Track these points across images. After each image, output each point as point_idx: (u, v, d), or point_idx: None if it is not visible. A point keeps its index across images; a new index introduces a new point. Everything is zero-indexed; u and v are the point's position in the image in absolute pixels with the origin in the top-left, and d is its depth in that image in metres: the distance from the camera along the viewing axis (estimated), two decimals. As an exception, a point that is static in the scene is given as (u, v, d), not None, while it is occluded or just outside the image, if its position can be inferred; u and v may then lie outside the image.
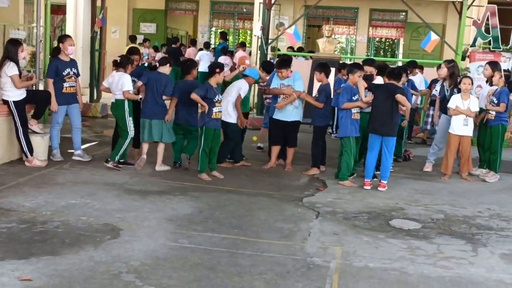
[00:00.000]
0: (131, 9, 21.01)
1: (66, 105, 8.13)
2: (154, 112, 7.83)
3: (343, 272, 4.74)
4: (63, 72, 8.00)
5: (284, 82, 8.40)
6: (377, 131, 7.60)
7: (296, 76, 8.46)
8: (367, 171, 7.71)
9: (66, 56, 8.07)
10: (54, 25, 20.74)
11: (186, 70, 8.16)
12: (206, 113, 7.62)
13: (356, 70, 7.92)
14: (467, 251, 5.44)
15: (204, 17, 21.43)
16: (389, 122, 7.55)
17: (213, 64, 8.21)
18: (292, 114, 8.38)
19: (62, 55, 8.07)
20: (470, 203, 7.23)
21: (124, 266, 4.56)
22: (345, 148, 7.84)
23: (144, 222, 5.70)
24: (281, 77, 8.40)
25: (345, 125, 7.83)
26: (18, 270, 4.34)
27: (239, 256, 4.94)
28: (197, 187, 7.24)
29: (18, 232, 5.21)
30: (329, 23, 20.03)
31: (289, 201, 6.87)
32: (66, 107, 8.15)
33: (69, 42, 8.04)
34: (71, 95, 8.16)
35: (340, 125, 7.99)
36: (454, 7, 12.86)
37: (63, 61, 8.06)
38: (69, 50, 8.02)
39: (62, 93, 8.03)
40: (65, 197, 6.35)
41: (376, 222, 6.19)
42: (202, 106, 7.60)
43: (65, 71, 8.01)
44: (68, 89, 8.07)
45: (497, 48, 11.31)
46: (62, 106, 8.10)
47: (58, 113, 8.14)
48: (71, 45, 8.04)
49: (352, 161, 7.88)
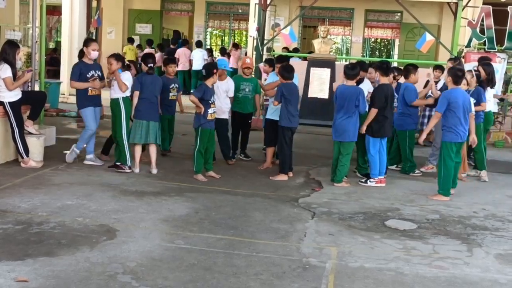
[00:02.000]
0: (127, 10, 21.00)
1: (93, 107, 8.03)
2: (152, 114, 7.85)
3: (339, 273, 4.75)
4: (87, 75, 7.94)
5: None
6: (386, 133, 7.97)
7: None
8: (381, 169, 7.94)
9: (89, 59, 8.04)
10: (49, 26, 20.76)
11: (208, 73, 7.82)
12: (202, 114, 7.62)
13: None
14: (462, 251, 5.46)
15: (199, 17, 21.44)
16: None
17: (209, 65, 8.17)
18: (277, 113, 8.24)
19: (86, 58, 8.05)
20: (465, 203, 7.26)
21: (120, 267, 4.57)
22: (347, 151, 7.84)
23: (140, 223, 5.70)
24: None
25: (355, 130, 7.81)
26: (14, 271, 4.34)
27: (235, 256, 4.95)
28: (193, 188, 7.25)
29: (14, 233, 5.20)
30: (325, 23, 20.07)
31: (285, 201, 6.88)
32: (93, 108, 8.04)
33: (93, 47, 8.00)
34: (97, 97, 8.09)
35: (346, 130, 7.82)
36: (449, 8, 12.90)
37: (87, 64, 8.03)
38: (92, 54, 7.99)
39: (88, 96, 7.95)
40: (61, 198, 6.35)
41: (371, 223, 6.21)
42: (198, 108, 7.60)
43: (89, 74, 7.95)
44: (94, 91, 8.00)
45: (492, 49, 11.36)
46: (89, 108, 7.99)
47: (88, 116, 8.01)
48: (94, 50, 7.99)
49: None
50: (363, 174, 8.27)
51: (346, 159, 7.81)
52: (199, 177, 7.68)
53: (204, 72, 7.77)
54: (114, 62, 7.81)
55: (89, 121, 8.01)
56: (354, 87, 7.80)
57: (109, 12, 18.97)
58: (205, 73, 7.74)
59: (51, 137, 9.11)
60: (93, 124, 8.02)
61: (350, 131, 7.76)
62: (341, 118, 7.76)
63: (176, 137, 9.48)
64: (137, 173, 7.77)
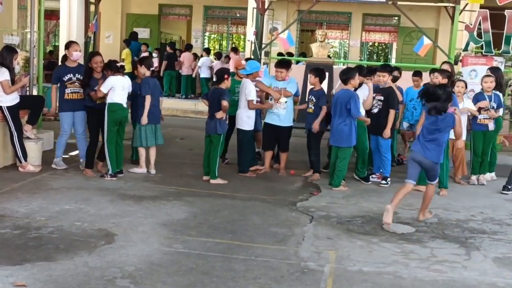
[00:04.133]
0: (125, 14, 21.03)
1: (71, 112, 7.91)
2: (158, 116, 8.11)
3: (337, 276, 4.75)
4: (64, 78, 7.85)
5: (278, 85, 8.40)
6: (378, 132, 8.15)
7: (292, 80, 8.48)
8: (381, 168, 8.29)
9: (72, 62, 7.95)
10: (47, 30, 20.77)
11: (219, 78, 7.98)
12: (224, 119, 7.78)
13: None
14: (460, 255, 5.46)
15: (197, 22, 21.47)
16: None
17: (220, 71, 8.23)
18: (285, 119, 8.39)
19: (68, 61, 7.98)
20: (463, 207, 7.26)
21: (119, 271, 4.56)
22: (344, 156, 7.83)
23: (139, 227, 5.70)
24: (279, 78, 8.37)
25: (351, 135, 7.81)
26: (13, 276, 4.34)
27: (234, 260, 4.95)
28: (191, 192, 7.25)
29: (12, 238, 5.20)
30: (322, 27, 20.12)
31: (283, 205, 6.89)
32: (72, 113, 7.92)
33: (74, 48, 7.94)
34: (77, 102, 7.89)
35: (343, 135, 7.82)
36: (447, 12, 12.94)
37: (67, 67, 7.95)
38: (73, 55, 7.90)
39: (65, 100, 7.88)
40: (59, 202, 6.35)
41: (369, 226, 6.21)
42: (222, 113, 7.70)
43: (65, 77, 7.85)
44: (70, 95, 7.88)
45: (489, 53, 11.38)
46: (66, 113, 7.89)
47: (64, 120, 7.94)
48: (76, 51, 7.92)
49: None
50: (362, 177, 8.29)
51: (343, 163, 7.80)
52: (220, 181, 7.76)
53: (216, 77, 8.00)
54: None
55: (63, 125, 7.95)
56: (347, 91, 7.81)
57: (107, 16, 18.99)
58: (217, 78, 7.95)
59: (49, 141, 9.10)
60: (68, 129, 7.95)
61: (346, 136, 7.76)
62: (338, 123, 7.77)
63: (174, 141, 9.48)
64: (134, 176, 7.78)
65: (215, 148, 7.76)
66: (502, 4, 11.28)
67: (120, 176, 7.72)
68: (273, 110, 8.38)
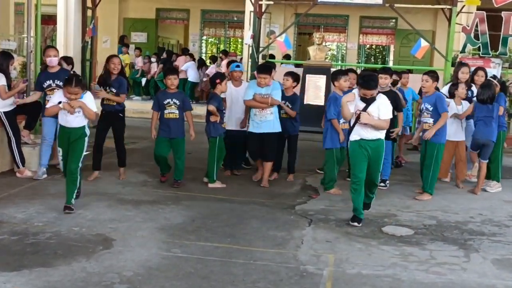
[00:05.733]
0: (122, 19, 21.03)
1: (53, 119, 7.56)
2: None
3: (336, 280, 4.74)
4: (43, 85, 7.70)
5: (262, 92, 7.85)
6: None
7: (275, 86, 7.96)
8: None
9: (52, 67, 7.74)
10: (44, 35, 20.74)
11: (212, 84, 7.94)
12: (218, 122, 7.72)
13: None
14: (459, 257, 5.46)
15: (195, 26, 21.49)
16: None
17: (213, 76, 8.11)
18: (268, 125, 7.92)
19: (49, 67, 7.78)
20: (462, 208, 7.26)
21: (117, 276, 4.55)
22: (326, 158, 7.80)
23: (137, 232, 5.69)
24: (262, 84, 7.83)
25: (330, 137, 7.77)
26: (10, 282, 4.32)
27: (232, 264, 4.94)
28: (189, 196, 7.24)
29: (9, 243, 5.18)
30: (320, 30, 20.14)
31: (281, 209, 6.88)
32: (54, 120, 7.46)
33: (48, 53, 7.67)
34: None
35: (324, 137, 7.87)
36: (444, 14, 12.92)
37: (48, 73, 7.76)
38: (48, 61, 7.66)
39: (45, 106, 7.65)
40: (57, 207, 6.32)
41: (368, 229, 6.20)
42: (214, 117, 7.64)
43: (45, 84, 7.69)
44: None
45: (486, 54, 11.41)
46: (48, 120, 7.56)
47: (45, 127, 7.72)
48: (50, 56, 7.63)
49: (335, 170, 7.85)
50: None
51: (326, 166, 7.82)
52: (218, 184, 7.75)
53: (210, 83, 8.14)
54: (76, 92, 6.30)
55: (45, 131, 7.72)
56: (333, 93, 7.90)
57: (104, 21, 18.98)
58: (210, 84, 8.06)
59: (46, 146, 9.07)
60: (50, 135, 7.69)
61: (326, 138, 7.79)
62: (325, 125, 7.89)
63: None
64: (131, 181, 7.76)
65: (211, 152, 7.73)
66: (498, 6, 11.30)
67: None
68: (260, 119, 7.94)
